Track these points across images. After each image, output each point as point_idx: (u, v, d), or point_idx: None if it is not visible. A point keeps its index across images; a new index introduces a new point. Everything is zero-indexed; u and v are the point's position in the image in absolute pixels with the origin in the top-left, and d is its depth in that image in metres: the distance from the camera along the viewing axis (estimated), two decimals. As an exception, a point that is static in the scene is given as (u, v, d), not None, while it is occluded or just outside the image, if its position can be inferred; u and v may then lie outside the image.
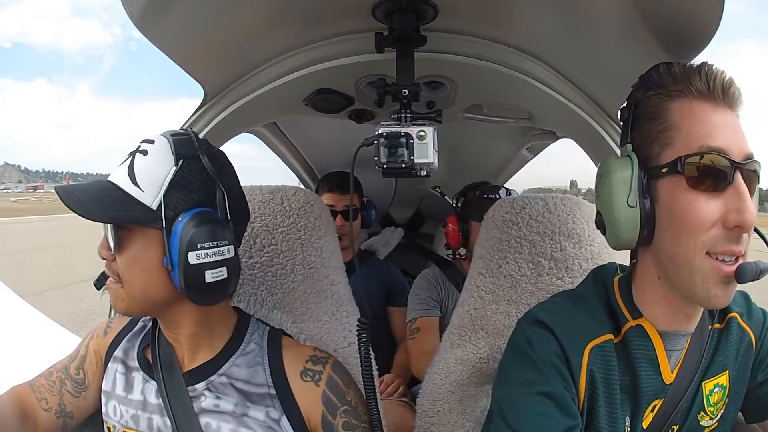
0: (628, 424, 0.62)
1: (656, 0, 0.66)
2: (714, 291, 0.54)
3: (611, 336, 0.62)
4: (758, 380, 0.69)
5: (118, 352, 0.76)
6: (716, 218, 0.53)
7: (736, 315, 0.69)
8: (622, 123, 0.65)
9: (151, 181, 0.64)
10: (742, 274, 0.53)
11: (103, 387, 0.75)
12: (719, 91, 0.56)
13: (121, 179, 0.65)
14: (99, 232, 0.67)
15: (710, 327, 0.66)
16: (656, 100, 0.59)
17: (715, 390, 0.66)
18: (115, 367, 0.75)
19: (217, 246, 0.64)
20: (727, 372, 0.67)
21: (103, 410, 0.74)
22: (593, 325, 0.63)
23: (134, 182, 0.64)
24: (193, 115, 1.01)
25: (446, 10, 0.78)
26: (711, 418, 0.66)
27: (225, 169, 0.70)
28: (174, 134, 0.68)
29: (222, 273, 0.65)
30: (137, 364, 0.73)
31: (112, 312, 0.97)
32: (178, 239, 0.62)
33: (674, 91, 0.58)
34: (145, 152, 0.66)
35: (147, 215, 0.63)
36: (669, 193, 0.56)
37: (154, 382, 0.71)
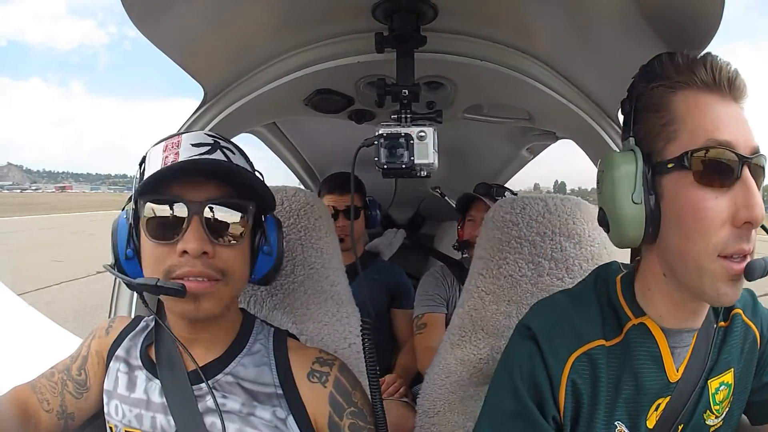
0: (620, 428, 0.61)
1: None
2: (723, 290, 0.54)
3: (603, 341, 0.61)
4: (764, 381, 0.68)
5: (120, 352, 0.75)
6: (726, 217, 0.52)
7: (740, 311, 0.67)
8: (623, 116, 0.63)
9: None
10: (751, 272, 0.52)
11: (105, 386, 0.74)
12: (725, 83, 0.54)
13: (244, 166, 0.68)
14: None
15: (716, 325, 0.65)
16: (659, 92, 0.57)
17: (720, 388, 0.65)
18: (117, 367, 0.74)
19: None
20: (732, 370, 0.66)
21: (105, 410, 0.74)
22: (585, 331, 0.62)
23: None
24: (192, 115, 1.01)
25: (446, 11, 0.78)
26: (717, 417, 0.65)
27: None
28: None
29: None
30: (140, 363, 0.73)
31: (113, 311, 0.97)
32: (276, 229, 0.73)
33: (678, 83, 0.56)
34: (232, 151, 0.70)
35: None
36: (676, 190, 0.55)
37: (157, 381, 0.70)
